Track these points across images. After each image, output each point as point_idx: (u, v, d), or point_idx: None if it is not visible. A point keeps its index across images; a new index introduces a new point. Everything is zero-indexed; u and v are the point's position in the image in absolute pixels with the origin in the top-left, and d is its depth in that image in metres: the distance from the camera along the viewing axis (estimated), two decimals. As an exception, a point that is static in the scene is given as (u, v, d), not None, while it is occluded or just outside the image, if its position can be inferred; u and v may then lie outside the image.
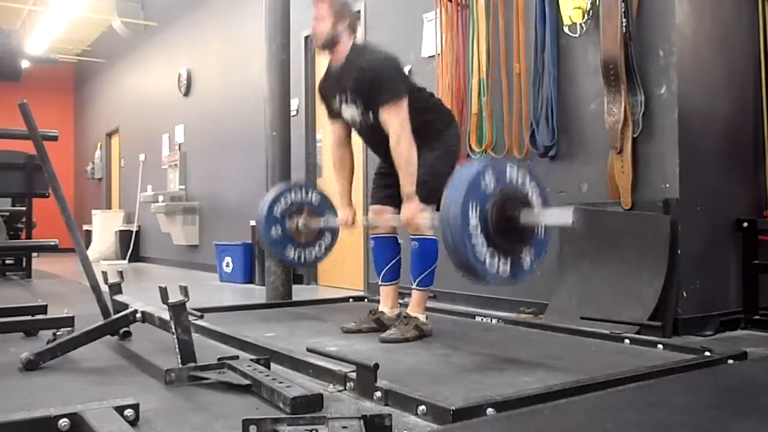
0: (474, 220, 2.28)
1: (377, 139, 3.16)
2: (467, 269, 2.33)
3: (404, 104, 3.03)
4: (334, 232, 3.77)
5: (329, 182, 5.93)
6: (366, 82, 3.07)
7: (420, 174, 3.03)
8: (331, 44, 3.18)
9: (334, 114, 3.34)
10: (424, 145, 3.11)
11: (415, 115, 3.07)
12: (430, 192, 2.99)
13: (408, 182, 3.00)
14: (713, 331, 3.41)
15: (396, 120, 3.00)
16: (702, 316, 3.43)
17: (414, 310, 3.19)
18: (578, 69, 3.84)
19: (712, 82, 3.60)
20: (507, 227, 2.34)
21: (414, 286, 3.19)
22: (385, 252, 3.39)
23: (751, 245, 3.63)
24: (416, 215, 2.95)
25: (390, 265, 3.37)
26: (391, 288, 3.39)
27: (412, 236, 3.16)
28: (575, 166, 3.85)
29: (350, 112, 3.21)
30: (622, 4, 3.41)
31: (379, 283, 3.44)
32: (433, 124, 3.21)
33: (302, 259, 3.78)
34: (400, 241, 3.41)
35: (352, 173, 3.43)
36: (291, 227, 3.66)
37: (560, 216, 2.34)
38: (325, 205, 3.78)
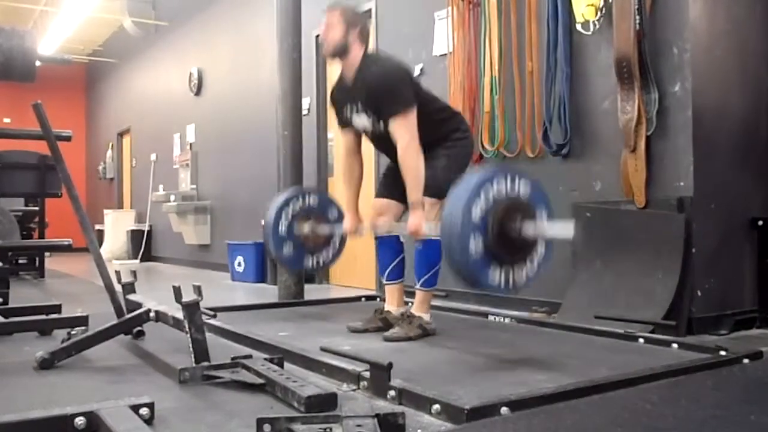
0: (475, 234, 2.35)
1: (388, 146, 3.17)
2: (465, 278, 2.43)
3: (412, 115, 3.04)
4: (342, 237, 3.80)
5: (340, 183, 5.94)
6: (375, 93, 3.08)
7: (429, 175, 3.04)
8: (340, 52, 3.18)
9: (345, 123, 3.35)
10: (434, 146, 3.14)
11: (424, 120, 3.08)
12: (439, 189, 3.00)
13: (414, 191, 3.01)
14: (728, 331, 3.39)
15: (404, 131, 3.02)
16: (716, 315, 3.41)
17: (418, 309, 3.20)
18: (591, 67, 3.82)
19: (726, 80, 3.57)
20: (508, 239, 2.42)
21: (418, 286, 3.20)
22: (388, 251, 3.39)
23: (765, 244, 3.60)
24: (421, 225, 2.96)
25: (394, 264, 3.37)
26: (395, 287, 3.39)
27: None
28: (588, 165, 3.83)
29: (361, 121, 3.22)
30: (636, 1, 3.39)
31: (384, 282, 3.45)
32: (443, 126, 3.22)
33: (313, 264, 3.86)
34: (402, 240, 3.41)
35: (360, 182, 3.45)
36: (299, 234, 3.70)
37: (562, 229, 2.41)
38: (328, 206, 3.83)
